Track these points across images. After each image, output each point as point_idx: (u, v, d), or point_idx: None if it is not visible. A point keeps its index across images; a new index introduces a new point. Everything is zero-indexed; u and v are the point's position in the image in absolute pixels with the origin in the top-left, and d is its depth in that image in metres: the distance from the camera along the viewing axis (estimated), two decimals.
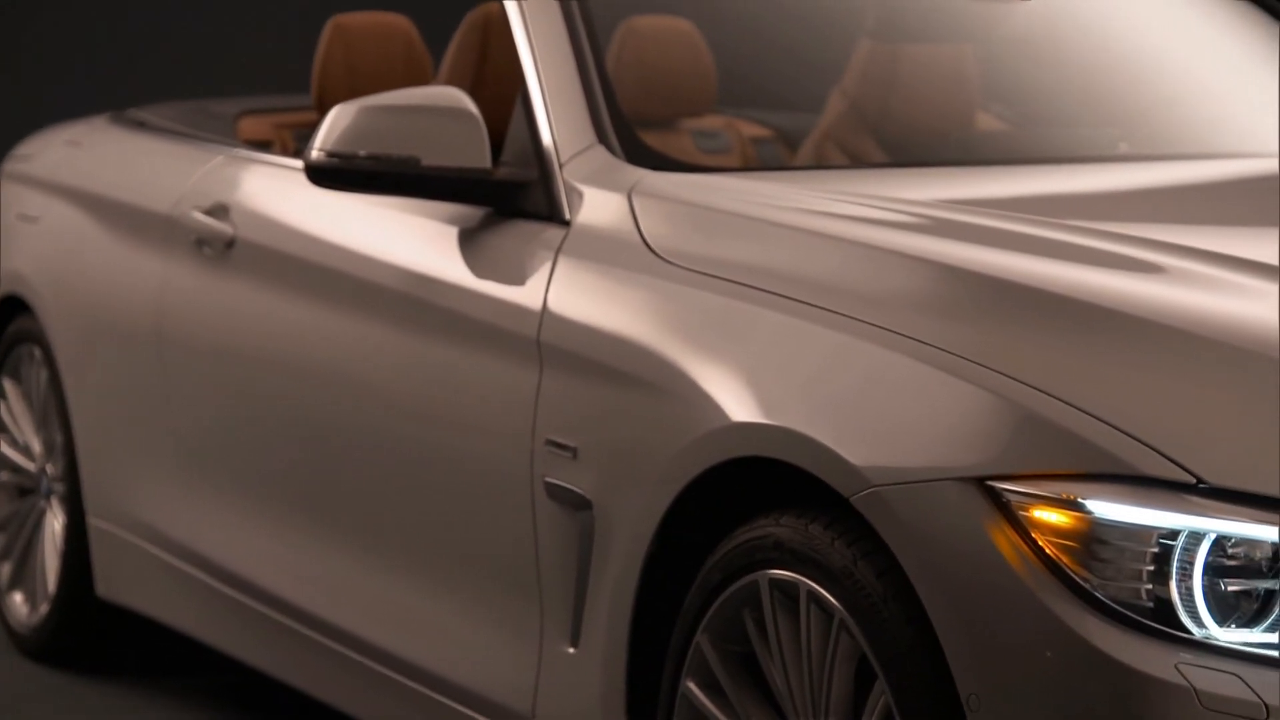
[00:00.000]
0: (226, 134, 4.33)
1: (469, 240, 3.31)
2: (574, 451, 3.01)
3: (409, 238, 3.41)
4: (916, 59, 3.77)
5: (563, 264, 3.15)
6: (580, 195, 3.20)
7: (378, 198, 3.43)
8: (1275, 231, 3.05)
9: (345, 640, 3.51)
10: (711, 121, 3.99)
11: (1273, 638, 2.37)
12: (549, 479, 3.05)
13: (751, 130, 4.16)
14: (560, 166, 3.23)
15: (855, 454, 2.61)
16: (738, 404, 2.77)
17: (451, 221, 3.35)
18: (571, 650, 3.02)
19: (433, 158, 3.22)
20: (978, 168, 3.53)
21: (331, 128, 3.26)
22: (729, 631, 2.79)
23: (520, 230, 3.25)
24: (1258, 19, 3.89)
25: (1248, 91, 3.83)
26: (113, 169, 4.36)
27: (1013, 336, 2.64)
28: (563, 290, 3.12)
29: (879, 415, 2.63)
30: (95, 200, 4.31)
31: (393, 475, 3.39)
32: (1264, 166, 3.53)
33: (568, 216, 3.20)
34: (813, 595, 2.66)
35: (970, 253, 2.84)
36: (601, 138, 3.26)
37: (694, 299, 2.95)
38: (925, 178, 3.47)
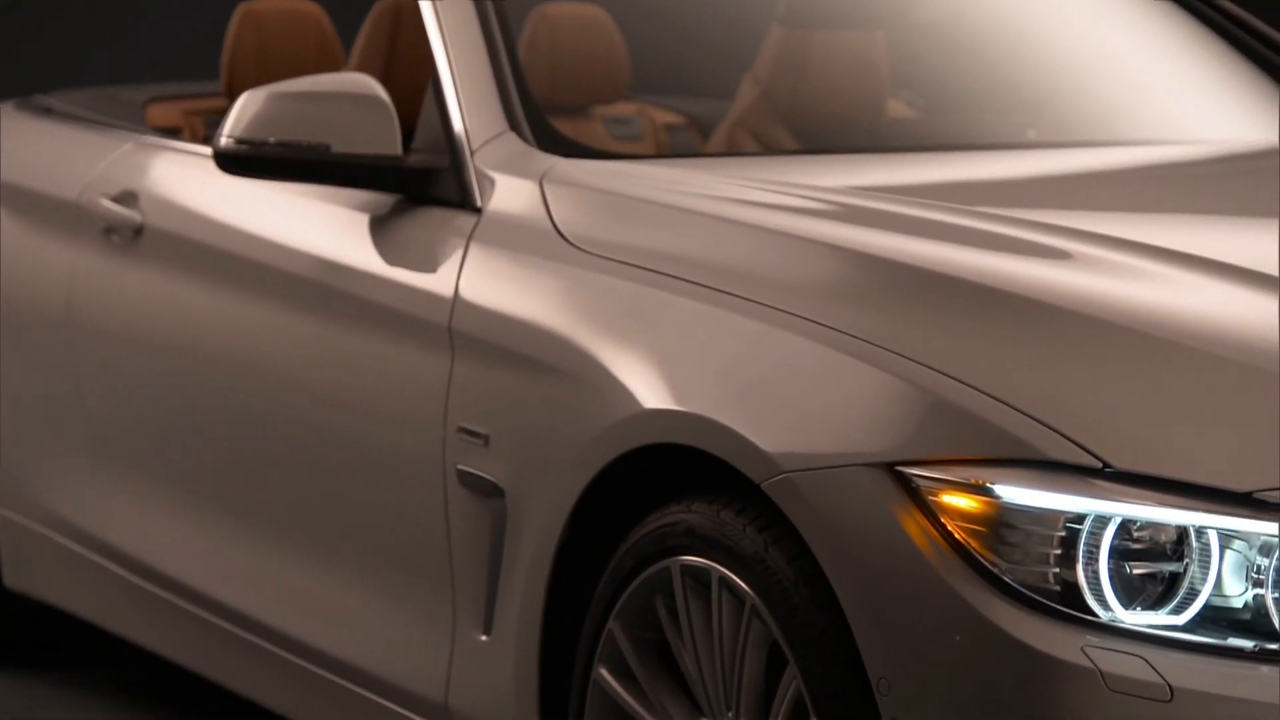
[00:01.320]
0: (135, 120, 4.30)
1: (380, 228, 3.30)
2: (486, 439, 3.01)
3: (320, 225, 3.40)
4: (827, 46, 3.78)
5: (474, 251, 3.14)
6: (492, 182, 3.20)
7: (288, 185, 3.42)
8: (1180, 218, 3.09)
9: (257, 630, 3.50)
10: (624, 108, 3.99)
11: (1177, 620, 2.39)
12: (461, 467, 3.05)
13: (664, 117, 4.17)
14: (471, 153, 3.23)
15: (767, 440, 2.62)
16: (650, 391, 2.78)
17: (362, 209, 3.33)
18: (484, 638, 3.02)
19: (343, 145, 3.21)
20: (888, 154, 3.55)
21: (241, 114, 3.24)
22: (641, 618, 2.80)
23: (431, 217, 3.24)
24: (1163, 6, 3.92)
25: (1154, 78, 3.86)
26: (19, 156, 4.32)
27: (923, 323, 2.65)
28: (474, 277, 3.11)
29: (791, 402, 2.64)
30: (1, 188, 4.27)
31: (304, 464, 3.38)
32: (1170, 153, 3.57)
33: (479, 203, 3.19)
34: (724, 581, 2.66)
35: (881, 239, 2.85)
36: (513, 125, 3.26)
37: (606, 286, 2.95)
38: (836, 164, 3.48)
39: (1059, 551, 2.42)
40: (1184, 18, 3.88)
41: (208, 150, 3.51)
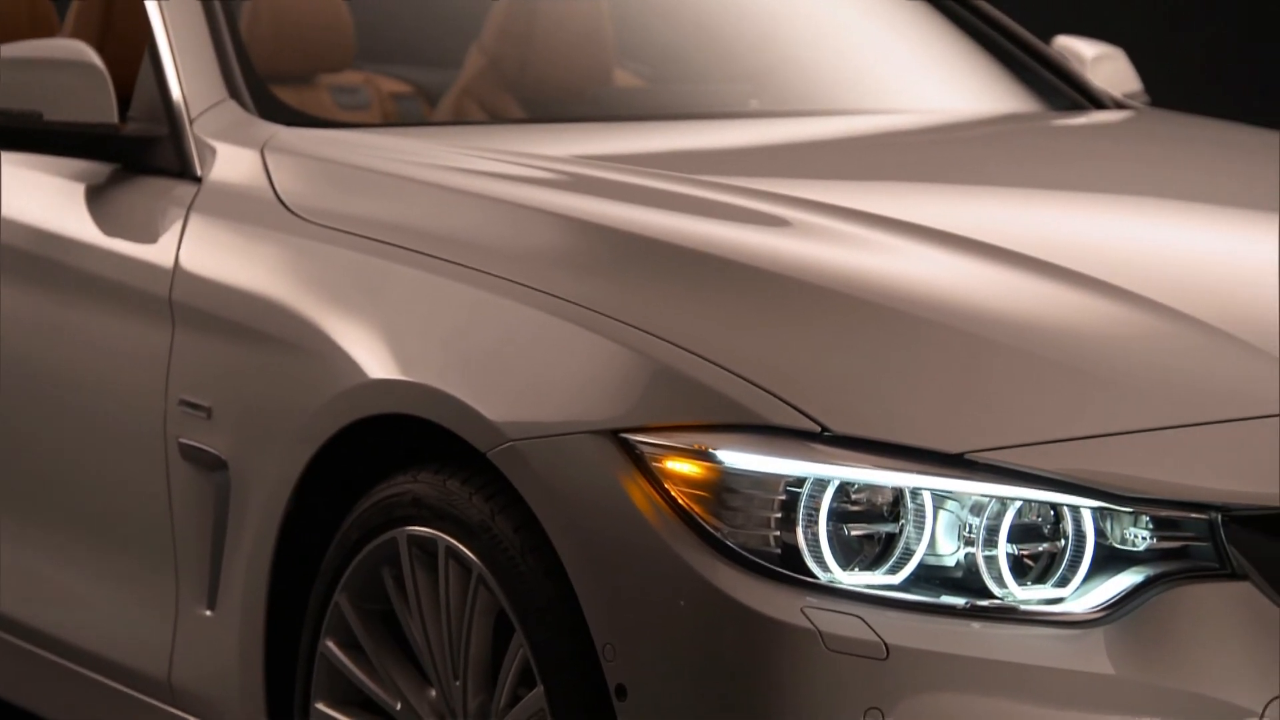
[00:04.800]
0: None
1: (97, 198, 3.24)
2: (208, 411, 2.97)
3: (34, 195, 3.33)
4: (554, 16, 3.79)
5: (194, 221, 3.10)
6: (212, 151, 3.16)
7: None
8: (896, 185, 3.14)
9: None
10: (350, 77, 3.96)
11: (893, 579, 2.43)
12: (183, 440, 3.00)
13: (391, 86, 4.14)
14: (190, 122, 3.18)
15: (492, 409, 2.62)
16: (375, 361, 2.76)
17: (78, 178, 3.27)
18: (208, 613, 2.99)
19: (56, 113, 3.15)
20: (614, 124, 3.57)
21: None
22: (368, 590, 2.78)
23: (150, 187, 3.19)
24: None
25: (875, 49, 3.92)
26: None
27: (646, 290, 2.67)
28: (195, 248, 3.07)
29: (515, 370, 2.65)
30: None
31: (26, 438, 3.31)
32: (888, 122, 3.63)
33: (199, 173, 3.15)
34: (451, 551, 2.66)
35: (605, 208, 2.87)
36: (233, 92, 3.21)
37: (329, 256, 2.93)
38: (562, 134, 3.49)
39: (779, 515, 2.45)
40: None
41: None
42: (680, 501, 2.48)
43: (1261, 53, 7.39)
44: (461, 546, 2.64)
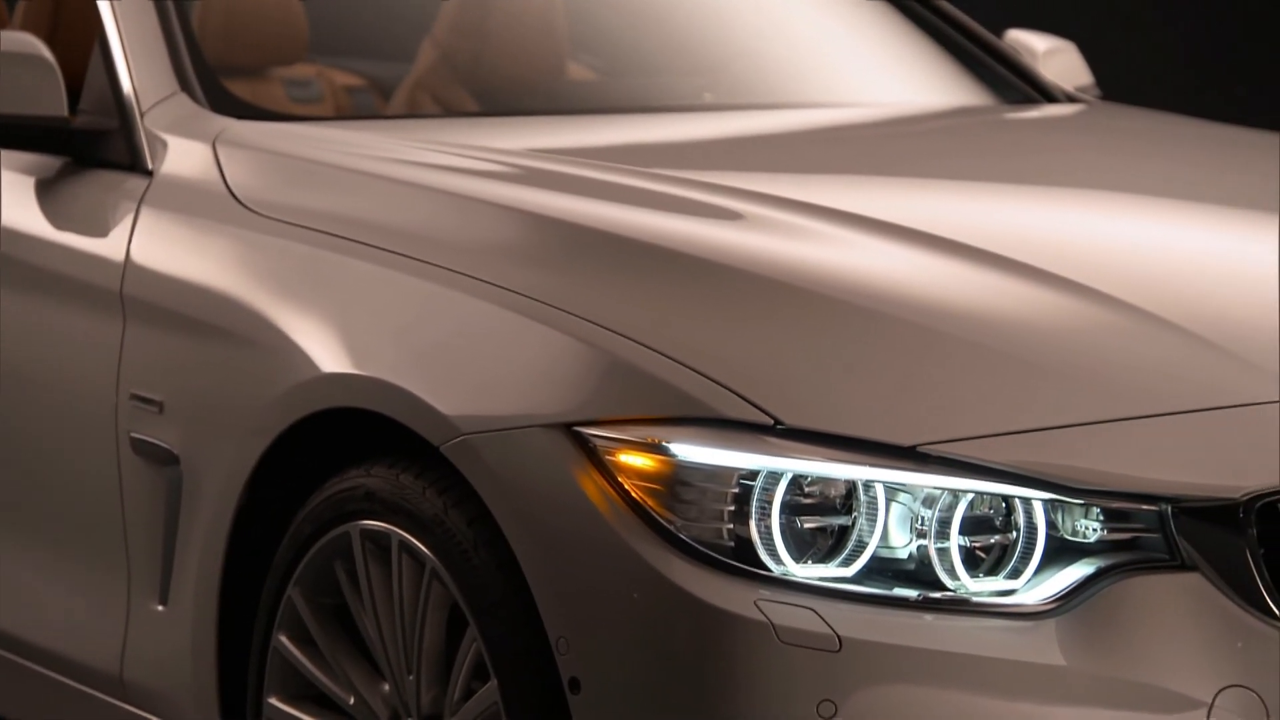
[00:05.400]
0: None
1: (47, 191, 3.23)
2: (160, 406, 2.96)
3: None
4: (507, 9, 3.79)
5: (145, 215, 3.09)
6: (163, 144, 3.14)
7: None
8: (849, 179, 3.15)
9: None
10: (303, 70, 3.95)
11: (846, 572, 2.44)
12: (134, 434, 2.99)
13: (344, 79, 4.13)
14: (141, 115, 3.17)
15: (445, 403, 2.61)
16: (327, 355, 2.76)
17: (28, 172, 3.26)
18: (160, 608, 2.98)
19: (5, 106, 3.13)
20: (567, 117, 3.57)
21: None
22: (321, 584, 2.78)
23: (101, 180, 3.18)
24: None
25: (828, 43, 3.93)
26: None
27: (599, 284, 2.67)
28: (146, 241, 3.06)
29: (468, 364, 2.64)
30: None
31: None
32: (840, 116, 3.64)
33: (150, 166, 3.14)
34: (404, 545, 2.66)
35: (558, 201, 2.87)
36: (184, 85, 3.21)
37: (281, 249, 2.92)
38: (515, 127, 3.49)
39: (733, 508, 2.45)
40: None
41: None
42: (633, 495, 2.48)
43: (1211, 47, 7.43)
44: (415, 540, 2.64)
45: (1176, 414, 2.51)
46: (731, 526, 2.45)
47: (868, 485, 2.44)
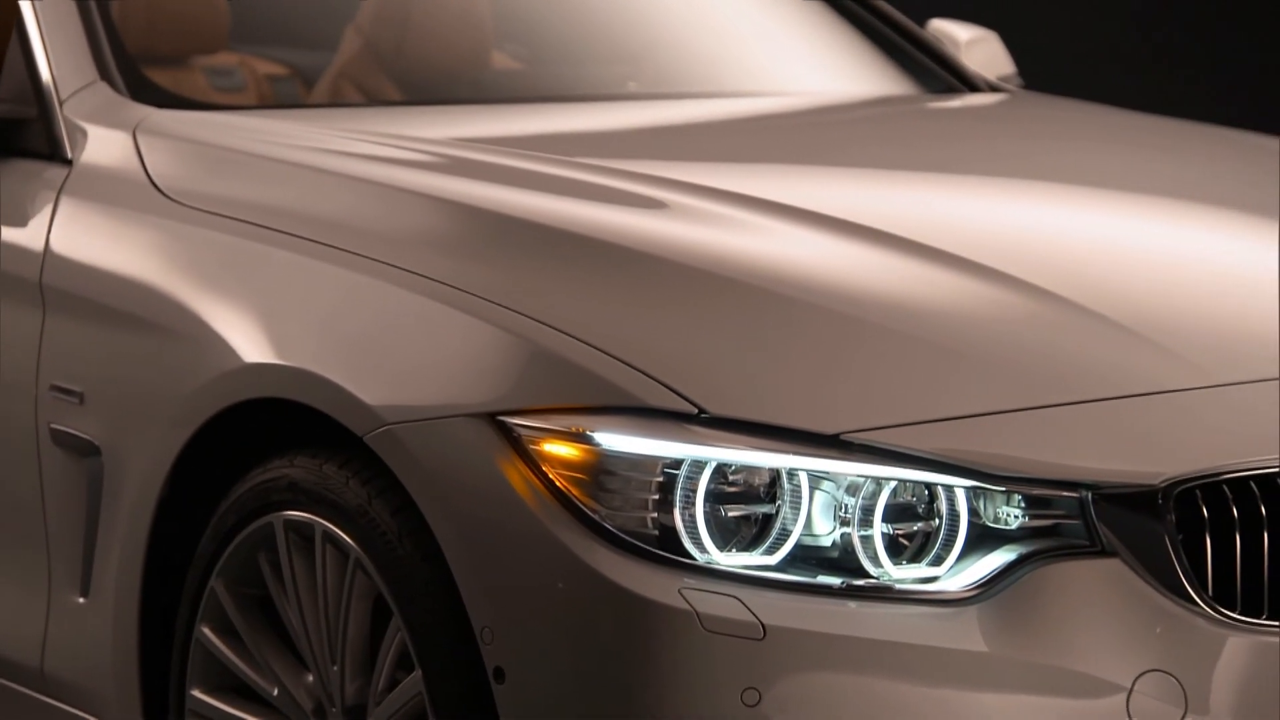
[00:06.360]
0: None
1: None
2: (80, 397, 2.94)
3: None
4: None
5: (65, 204, 3.07)
6: (83, 133, 3.12)
7: None
8: (773, 168, 3.16)
9: None
10: (225, 59, 3.92)
11: (770, 560, 2.44)
12: (54, 425, 2.97)
13: (267, 68, 4.11)
14: (60, 103, 3.15)
15: (368, 393, 2.61)
16: (250, 345, 2.75)
17: None
18: (81, 600, 2.96)
19: None
20: (491, 106, 3.56)
21: None
22: (244, 575, 2.77)
23: (19, 170, 3.15)
24: None
25: (752, 32, 3.93)
26: None
27: (522, 273, 2.67)
28: (65, 231, 3.04)
29: (392, 353, 2.64)
30: None
31: None
32: (765, 105, 3.64)
33: (70, 155, 3.12)
34: (328, 535, 2.65)
35: (481, 190, 2.86)
36: (104, 74, 3.18)
37: (203, 239, 2.91)
38: (440, 116, 3.48)
39: (657, 496, 2.45)
40: None
41: None
42: (558, 484, 2.48)
43: (1131, 35, 7.47)
44: (338, 531, 2.63)
45: (1096, 401, 2.52)
46: (656, 515, 2.45)
47: (791, 473, 2.45)
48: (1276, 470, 2.47)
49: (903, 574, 2.45)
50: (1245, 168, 3.45)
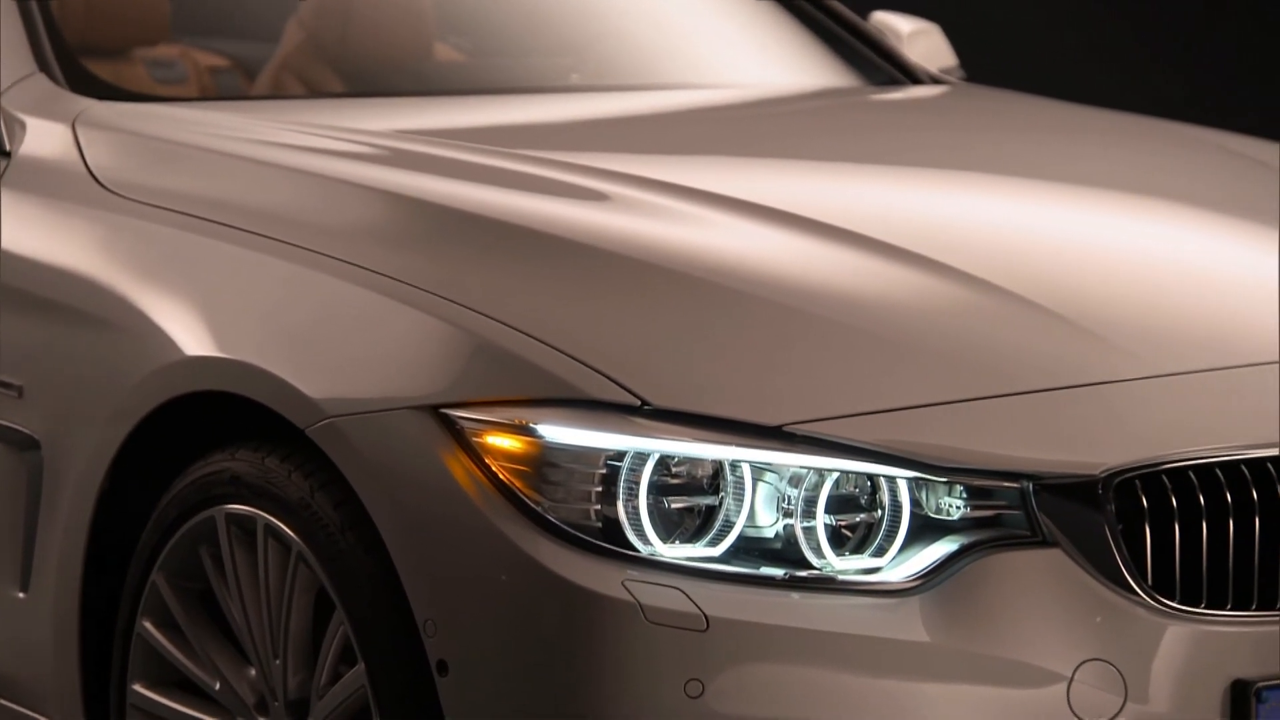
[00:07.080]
0: None
1: None
2: (19, 390, 2.93)
3: None
4: None
5: (3, 197, 3.05)
6: (21, 125, 3.11)
7: None
8: (715, 160, 3.16)
9: None
10: (166, 51, 3.91)
11: (713, 551, 2.45)
12: None
13: (208, 60, 4.09)
14: None
15: (310, 385, 2.60)
16: (190, 337, 2.74)
17: None
18: (21, 595, 2.94)
19: None
20: (434, 98, 3.56)
21: None
22: (186, 569, 2.76)
23: None
24: None
25: (695, 24, 3.94)
26: None
27: (465, 265, 2.66)
28: (4, 224, 3.02)
29: (334, 346, 2.63)
30: None
31: None
32: (707, 97, 3.65)
33: (8, 147, 3.10)
34: (270, 529, 2.64)
35: (423, 182, 2.86)
36: (43, 66, 3.17)
37: (143, 232, 2.89)
38: (382, 108, 3.48)
39: (600, 489, 2.45)
40: None
41: None
42: (501, 476, 2.48)
43: (1072, 29, 7.51)
44: (280, 524, 2.63)
45: (1037, 392, 2.53)
46: (599, 507, 2.45)
47: (734, 465, 2.45)
48: (1214, 460, 2.49)
49: (845, 565, 2.45)
50: (1184, 159, 3.47)
